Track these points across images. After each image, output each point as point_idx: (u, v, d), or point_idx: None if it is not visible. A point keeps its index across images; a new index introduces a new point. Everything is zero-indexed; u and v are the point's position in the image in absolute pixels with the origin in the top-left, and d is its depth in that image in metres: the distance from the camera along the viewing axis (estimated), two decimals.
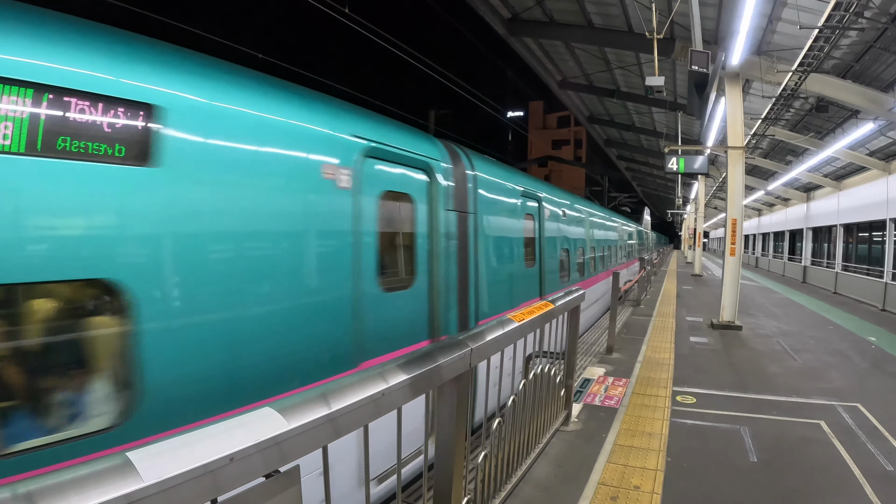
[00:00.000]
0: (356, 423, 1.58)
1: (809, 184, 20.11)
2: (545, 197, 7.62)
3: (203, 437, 1.15)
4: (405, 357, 1.97)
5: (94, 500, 0.89)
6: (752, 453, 4.10)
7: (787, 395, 5.58)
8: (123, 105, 2.22)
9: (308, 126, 3.18)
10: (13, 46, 1.97)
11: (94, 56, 2.22)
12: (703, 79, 6.70)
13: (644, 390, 5.63)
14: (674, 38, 10.35)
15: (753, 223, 34.58)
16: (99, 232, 2.19)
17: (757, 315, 11.51)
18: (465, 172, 4.89)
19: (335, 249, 3.29)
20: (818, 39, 7.28)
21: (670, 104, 15.43)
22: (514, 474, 3.30)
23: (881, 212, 14.05)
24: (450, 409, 2.23)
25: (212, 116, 2.63)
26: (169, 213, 2.39)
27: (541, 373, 3.45)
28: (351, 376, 1.70)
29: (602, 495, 3.35)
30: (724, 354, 7.61)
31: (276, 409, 1.34)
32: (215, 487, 1.11)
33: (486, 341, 2.45)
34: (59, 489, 0.88)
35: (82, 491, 0.90)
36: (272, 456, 1.25)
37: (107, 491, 0.92)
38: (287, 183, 2.99)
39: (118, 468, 0.98)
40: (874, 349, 8.24)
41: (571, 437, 4.31)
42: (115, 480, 0.95)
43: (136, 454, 1.02)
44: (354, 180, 3.41)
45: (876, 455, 4.08)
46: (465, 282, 4.77)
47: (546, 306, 3.41)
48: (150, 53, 2.51)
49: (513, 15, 12.10)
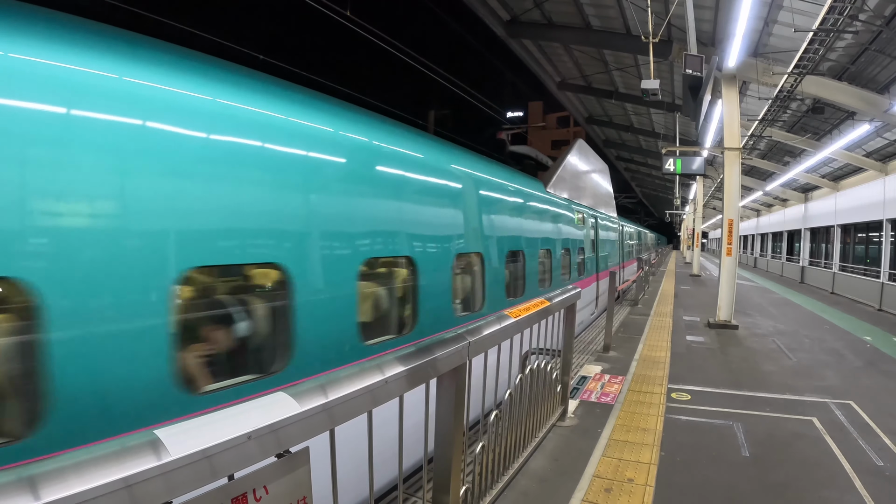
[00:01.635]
0: (358, 411, 1.67)
1: (807, 184, 20.20)
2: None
3: (222, 418, 1.25)
4: (404, 350, 2.06)
5: (128, 471, 0.99)
6: (745, 448, 4.18)
7: (780, 393, 5.66)
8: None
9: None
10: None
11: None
12: (697, 82, 6.79)
13: (640, 387, 5.71)
14: (671, 40, 10.45)
15: (752, 224, 34.66)
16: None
17: (753, 315, 11.59)
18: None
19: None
20: (813, 42, 7.37)
21: (668, 105, 15.52)
22: (511, 467, 3.39)
23: (878, 212, 14.13)
24: (448, 402, 2.31)
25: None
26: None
27: (537, 369, 3.54)
28: (352, 367, 1.79)
29: (596, 487, 3.44)
30: (719, 353, 7.69)
31: (290, 394, 1.43)
32: (232, 464, 1.21)
33: (483, 335, 2.53)
34: (94, 463, 0.98)
35: (120, 463, 1.00)
36: (284, 436, 1.34)
37: (138, 464, 1.01)
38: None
39: (149, 444, 1.07)
40: (869, 348, 8.32)
41: (568, 431, 4.40)
42: (146, 454, 1.04)
43: (164, 431, 1.12)
44: None
45: (867, 451, 4.16)
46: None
47: (542, 304, 3.49)
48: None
49: (512, 17, 12.19)
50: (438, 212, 4.85)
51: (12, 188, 1.94)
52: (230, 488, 1.28)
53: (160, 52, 2.69)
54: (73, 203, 2.13)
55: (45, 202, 2.04)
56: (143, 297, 2.31)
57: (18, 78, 2.00)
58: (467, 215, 5.31)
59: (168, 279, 2.41)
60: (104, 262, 2.19)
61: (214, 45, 8.14)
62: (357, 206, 3.69)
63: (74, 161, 2.12)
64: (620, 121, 21.34)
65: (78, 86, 2.18)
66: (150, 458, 1.04)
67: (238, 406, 1.33)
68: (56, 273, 2.04)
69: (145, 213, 2.33)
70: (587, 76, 15.91)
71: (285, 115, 3.22)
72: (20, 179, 1.97)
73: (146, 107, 2.41)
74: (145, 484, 1.01)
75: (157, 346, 2.35)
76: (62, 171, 2.08)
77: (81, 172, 2.15)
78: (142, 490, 1.01)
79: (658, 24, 8.31)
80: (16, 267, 1.94)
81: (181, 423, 1.17)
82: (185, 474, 1.08)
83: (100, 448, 1.02)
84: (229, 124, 2.80)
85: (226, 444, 1.18)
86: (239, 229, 2.80)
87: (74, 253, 2.10)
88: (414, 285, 4.31)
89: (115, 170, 2.26)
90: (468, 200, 5.40)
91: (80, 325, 2.10)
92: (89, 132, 2.19)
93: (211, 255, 2.67)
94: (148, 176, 2.36)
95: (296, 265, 3.09)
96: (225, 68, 3.11)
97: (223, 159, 2.75)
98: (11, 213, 1.93)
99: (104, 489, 0.95)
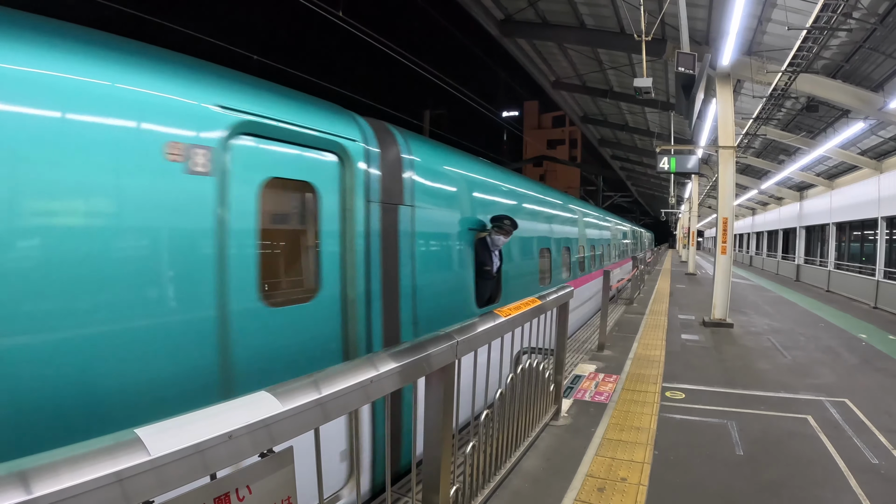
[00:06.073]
0: (346, 408, 1.63)
1: (802, 183, 20.24)
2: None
3: (203, 417, 1.22)
4: (394, 347, 2.03)
5: (105, 471, 0.97)
6: (739, 447, 4.17)
7: (775, 391, 5.65)
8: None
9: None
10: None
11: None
12: (689, 80, 6.78)
13: (634, 386, 5.69)
14: (665, 38, 10.44)
15: (747, 222, 34.76)
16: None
17: (749, 313, 11.60)
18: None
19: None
20: (807, 40, 7.36)
21: (662, 104, 15.52)
22: (503, 466, 3.35)
23: (873, 210, 14.18)
24: (437, 400, 2.28)
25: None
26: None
27: (529, 368, 3.51)
28: (340, 365, 1.75)
29: (589, 486, 3.41)
30: (714, 351, 7.69)
31: (271, 393, 1.40)
32: (214, 463, 1.19)
33: (472, 334, 2.50)
34: (72, 462, 0.95)
35: (95, 462, 0.98)
36: (266, 435, 1.32)
37: (116, 464, 0.99)
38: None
39: (128, 443, 1.05)
40: (864, 346, 8.33)
41: (561, 431, 4.37)
42: (125, 453, 1.02)
43: (144, 430, 1.09)
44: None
45: (862, 449, 4.15)
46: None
47: (534, 302, 3.46)
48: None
49: (506, 16, 12.17)
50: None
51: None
52: (213, 488, 1.25)
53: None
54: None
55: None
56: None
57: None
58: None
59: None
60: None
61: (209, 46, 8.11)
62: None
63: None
64: (615, 120, 21.35)
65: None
66: (128, 457, 1.02)
67: (221, 405, 1.30)
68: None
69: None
70: (582, 75, 15.91)
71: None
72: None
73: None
74: (131, 480, 1.00)
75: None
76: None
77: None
78: (132, 485, 1.00)
79: (651, 23, 8.29)
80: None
81: (161, 423, 1.15)
82: (169, 472, 1.07)
83: (86, 444, 1.01)
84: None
85: (209, 442, 1.16)
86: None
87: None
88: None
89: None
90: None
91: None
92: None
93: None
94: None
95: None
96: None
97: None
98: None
99: (94, 483, 0.94)
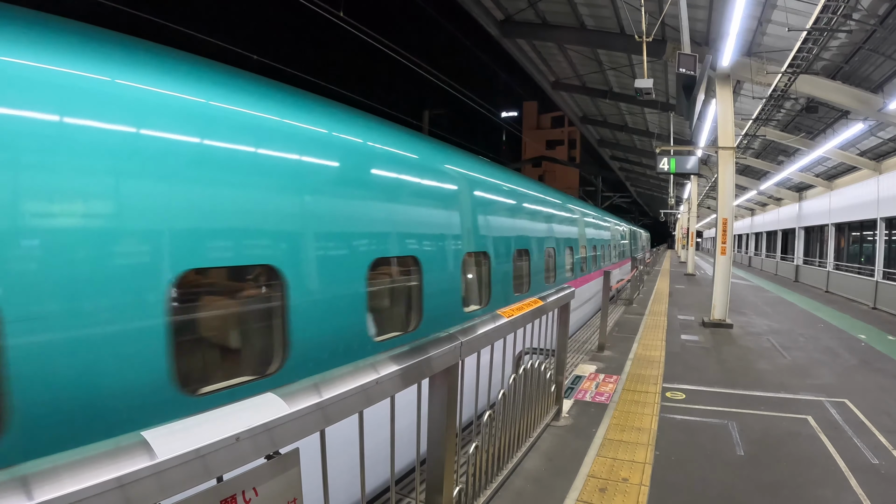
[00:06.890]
0: (351, 410, 1.64)
1: (801, 183, 20.27)
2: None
3: (210, 419, 1.22)
4: (397, 351, 2.03)
5: (111, 475, 0.96)
6: (740, 447, 4.18)
7: (775, 392, 5.66)
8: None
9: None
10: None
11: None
12: (690, 81, 6.79)
13: (634, 387, 5.70)
14: (665, 39, 10.45)
15: (746, 223, 34.79)
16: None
17: (748, 313, 11.62)
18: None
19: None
20: (807, 41, 7.38)
21: (662, 105, 15.54)
22: (506, 467, 3.36)
23: (871, 211, 14.20)
24: (440, 401, 2.29)
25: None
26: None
27: (531, 368, 3.51)
28: (344, 367, 1.75)
29: (591, 487, 3.42)
30: (714, 352, 7.70)
31: (278, 395, 1.40)
32: (221, 465, 1.19)
33: (475, 335, 2.51)
34: (81, 465, 0.95)
35: (100, 466, 0.97)
36: (274, 437, 1.32)
37: (119, 468, 0.99)
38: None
39: (135, 446, 1.04)
40: (864, 346, 8.35)
41: (562, 431, 4.38)
42: (131, 457, 1.01)
43: (151, 433, 1.09)
44: None
45: (862, 449, 4.16)
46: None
47: (535, 303, 3.47)
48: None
49: (506, 17, 12.17)
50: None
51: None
52: (219, 490, 1.25)
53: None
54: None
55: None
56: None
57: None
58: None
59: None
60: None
61: (207, 46, 8.10)
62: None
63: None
64: (615, 120, 21.37)
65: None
66: (135, 460, 1.01)
67: (227, 407, 1.30)
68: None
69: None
70: (581, 76, 15.91)
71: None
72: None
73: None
74: (137, 484, 1.00)
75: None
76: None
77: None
78: (134, 490, 0.99)
79: (652, 24, 8.31)
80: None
81: (168, 425, 1.15)
82: (176, 475, 1.06)
83: (92, 448, 1.01)
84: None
85: (215, 444, 1.16)
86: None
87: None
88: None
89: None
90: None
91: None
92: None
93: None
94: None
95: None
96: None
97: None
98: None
99: (96, 489, 0.93)
